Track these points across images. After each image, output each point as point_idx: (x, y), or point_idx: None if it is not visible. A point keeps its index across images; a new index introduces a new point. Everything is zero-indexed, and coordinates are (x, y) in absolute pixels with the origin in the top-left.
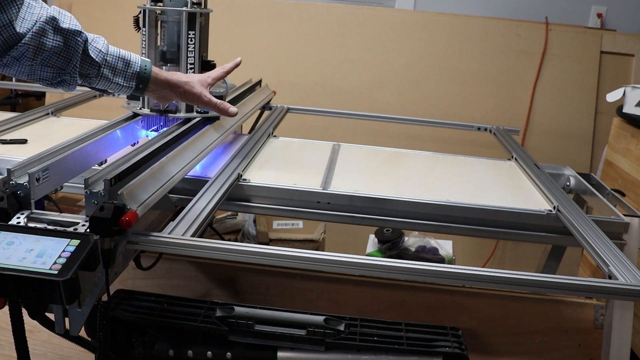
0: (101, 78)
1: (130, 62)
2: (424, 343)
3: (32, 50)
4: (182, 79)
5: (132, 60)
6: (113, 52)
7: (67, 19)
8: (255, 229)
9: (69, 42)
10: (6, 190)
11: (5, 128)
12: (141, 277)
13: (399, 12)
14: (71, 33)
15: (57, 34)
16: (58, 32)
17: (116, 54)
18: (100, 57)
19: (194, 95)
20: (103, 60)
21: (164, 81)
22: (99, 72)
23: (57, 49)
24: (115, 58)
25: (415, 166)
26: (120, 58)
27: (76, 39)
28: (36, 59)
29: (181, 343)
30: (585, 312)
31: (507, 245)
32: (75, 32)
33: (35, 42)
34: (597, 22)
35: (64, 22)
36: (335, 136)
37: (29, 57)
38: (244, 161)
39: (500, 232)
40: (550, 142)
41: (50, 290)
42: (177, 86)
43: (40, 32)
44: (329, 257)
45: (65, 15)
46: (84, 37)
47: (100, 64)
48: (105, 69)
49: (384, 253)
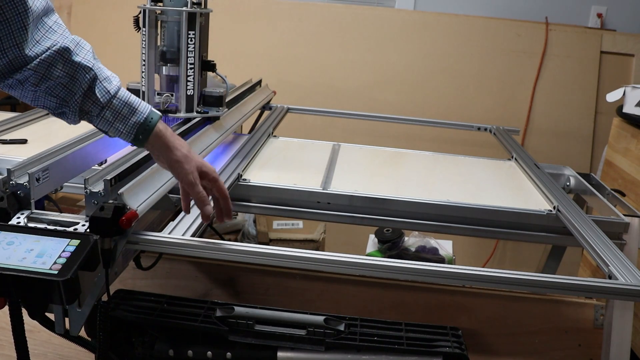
0: (102, 119)
1: (136, 110)
2: (424, 343)
3: (36, 76)
4: (183, 149)
5: (140, 109)
6: (122, 96)
7: (82, 52)
8: (255, 229)
9: (76, 76)
10: (6, 190)
11: (5, 128)
12: (141, 277)
13: (399, 12)
14: (80, 67)
15: (66, 66)
16: (68, 64)
17: (125, 99)
18: (105, 97)
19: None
20: (108, 101)
21: (164, 141)
22: (100, 112)
23: (63, 81)
24: (121, 102)
25: (415, 166)
26: (128, 104)
27: (84, 75)
28: (40, 86)
29: (181, 343)
30: (585, 312)
31: (507, 245)
32: (85, 68)
33: (42, 70)
34: (597, 22)
35: (77, 55)
36: (335, 136)
37: (33, 82)
38: (244, 161)
39: (500, 232)
40: (550, 142)
41: (50, 290)
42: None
43: (48, 60)
44: (329, 257)
45: (82, 48)
46: (92, 75)
47: (104, 105)
48: (108, 111)
49: (384, 253)
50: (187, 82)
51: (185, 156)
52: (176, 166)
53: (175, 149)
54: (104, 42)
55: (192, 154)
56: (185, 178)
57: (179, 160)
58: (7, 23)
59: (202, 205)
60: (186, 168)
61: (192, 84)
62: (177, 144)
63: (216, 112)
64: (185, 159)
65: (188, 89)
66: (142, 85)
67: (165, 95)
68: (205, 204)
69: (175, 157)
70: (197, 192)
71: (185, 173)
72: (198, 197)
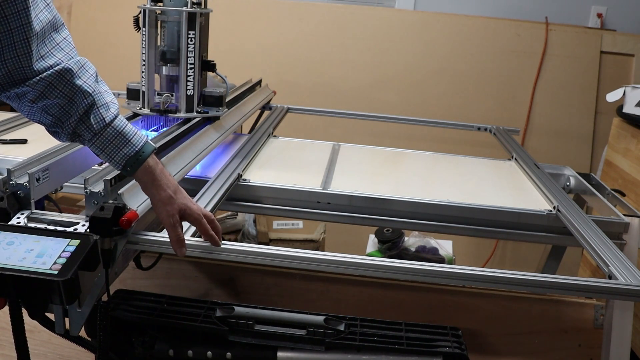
0: (93, 145)
1: (129, 142)
2: (424, 343)
3: (34, 93)
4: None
5: (134, 141)
6: (117, 125)
7: (85, 75)
8: (255, 229)
9: (74, 99)
10: (6, 190)
11: (5, 128)
12: (141, 277)
13: (399, 12)
14: (80, 92)
15: (66, 88)
16: (68, 86)
17: (119, 129)
18: (99, 125)
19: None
20: (101, 129)
21: (152, 176)
22: (92, 138)
23: (61, 102)
24: (115, 132)
25: (415, 166)
26: (121, 134)
27: (82, 99)
28: (37, 103)
29: (181, 343)
30: (585, 312)
31: (507, 245)
32: (85, 93)
33: (41, 88)
34: (597, 22)
35: (79, 79)
36: (335, 136)
37: (30, 99)
38: (244, 161)
39: (500, 232)
40: (550, 142)
41: (50, 290)
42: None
43: (49, 79)
44: (329, 257)
45: (85, 71)
46: (90, 100)
47: (97, 132)
48: (100, 138)
49: (384, 253)
50: (187, 82)
51: (169, 197)
52: (159, 205)
53: (160, 189)
54: (104, 42)
55: (178, 194)
56: (165, 219)
57: (162, 201)
58: (10, 33)
59: (177, 247)
60: (167, 210)
61: (192, 84)
62: (163, 183)
63: (216, 112)
64: (169, 201)
65: (188, 89)
66: (142, 85)
67: (165, 95)
68: (180, 247)
69: (159, 197)
70: (174, 234)
71: (166, 215)
72: (175, 239)
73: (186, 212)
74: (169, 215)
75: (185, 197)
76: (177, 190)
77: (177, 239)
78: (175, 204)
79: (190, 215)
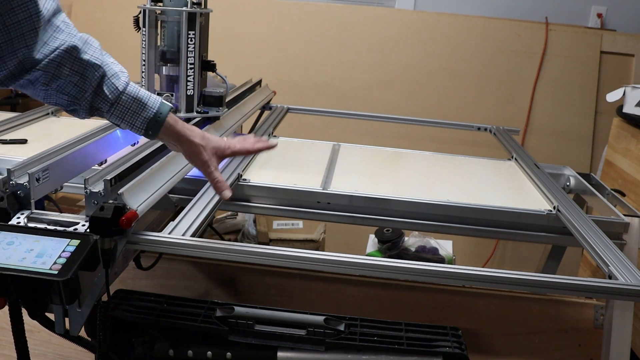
0: (112, 115)
1: (146, 105)
2: (424, 343)
3: (46, 76)
4: (196, 139)
5: (150, 103)
6: (131, 92)
7: (90, 49)
8: (255, 229)
9: (85, 74)
10: (6, 190)
11: (5, 128)
12: (141, 277)
13: (399, 12)
14: (90, 65)
15: (75, 64)
16: (77, 63)
17: (134, 94)
18: (114, 94)
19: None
20: (117, 98)
21: (176, 133)
22: (110, 108)
23: (73, 79)
24: (130, 98)
25: (415, 166)
26: (137, 99)
27: (93, 72)
28: (51, 85)
29: (181, 343)
30: (585, 312)
31: (507, 245)
32: (94, 66)
33: (51, 69)
34: (597, 22)
35: (86, 53)
36: (335, 136)
37: (43, 82)
38: (244, 161)
39: (500, 232)
40: (550, 142)
41: (50, 290)
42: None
43: (57, 59)
44: (329, 257)
45: (90, 46)
46: (101, 72)
47: (113, 102)
48: (117, 107)
49: (384, 253)
50: (187, 82)
51: (198, 147)
52: (192, 158)
53: (187, 142)
54: (104, 42)
55: (207, 138)
56: (202, 168)
57: (194, 152)
58: (19, 25)
59: (219, 190)
60: (201, 159)
61: (192, 84)
62: (189, 135)
63: (216, 112)
64: (199, 150)
65: (188, 89)
66: (142, 85)
67: (165, 95)
68: (222, 189)
69: (190, 150)
70: (213, 178)
71: (201, 164)
72: (215, 183)
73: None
74: (203, 163)
75: (213, 139)
76: (204, 136)
77: (217, 184)
78: (207, 147)
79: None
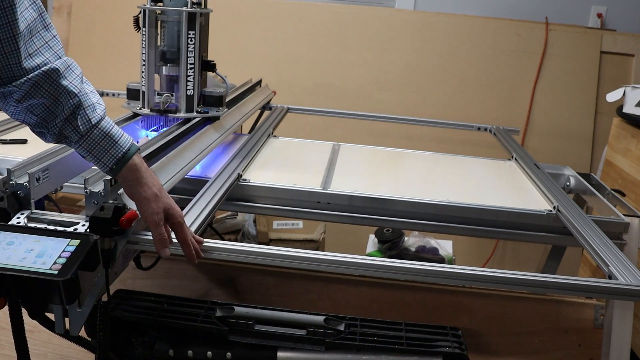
0: (80, 147)
1: (116, 144)
2: (424, 343)
3: (20, 93)
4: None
5: (121, 142)
6: (104, 127)
7: (71, 76)
8: (255, 229)
9: (60, 99)
10: (6, 190)
11: (5, 128)
12: (141, 277)
13: (399, 12)
14: (66, 92)
15: (52, 88)
16: (54, 87)
17: (106, 130)
18: (86, 127)
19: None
20: (88, 130)
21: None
22: (79, 140)
23: (46, 102)
24: (102, 134)
25: (415, 166)
26: (108, 136)
27: (68, 99)
28: (23, 103)
29: (181, 343)
30: (585, 312)
31: (507, 245)
32: (70, 93)
33: (27, 88)
34: (597, 22)
35: (65, 79)
36: (335, 136)
37: (16, 98)
38: (244, 161)
39: (500, 232)
40: (550, 142)
41: (50, 290)
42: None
43: (35, 79)
44: (329, 257)
45: (72, 72)
46: (76, 101)
47: (83, 134)
48: (87, 140)
49: (384, 253)
50: (187, 82)
51: (154, 195)
52: (144, 203)
53: (146, 186)
54: (104, 42)
55: (163, 193)
56: (149, 217)
57: (148, 198)
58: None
59: (160, 247)
60: (153, 207)
61: (192, 84)
62: (149, 181)
63: (216, 112)
64: (154, 198)
65: (188, 89)
66: (142, 85)
67: (165, 95)
68: (163, 247)
69: (145, 194)
70: (158, 233)
71: (150, 212)
72: (158, 238)
73: (169, 212)
74: (153, 212)
75: (170, 197)
76: (162, 189)
77: (160, 238)
78: (160, 201)
79: (173, 216)
